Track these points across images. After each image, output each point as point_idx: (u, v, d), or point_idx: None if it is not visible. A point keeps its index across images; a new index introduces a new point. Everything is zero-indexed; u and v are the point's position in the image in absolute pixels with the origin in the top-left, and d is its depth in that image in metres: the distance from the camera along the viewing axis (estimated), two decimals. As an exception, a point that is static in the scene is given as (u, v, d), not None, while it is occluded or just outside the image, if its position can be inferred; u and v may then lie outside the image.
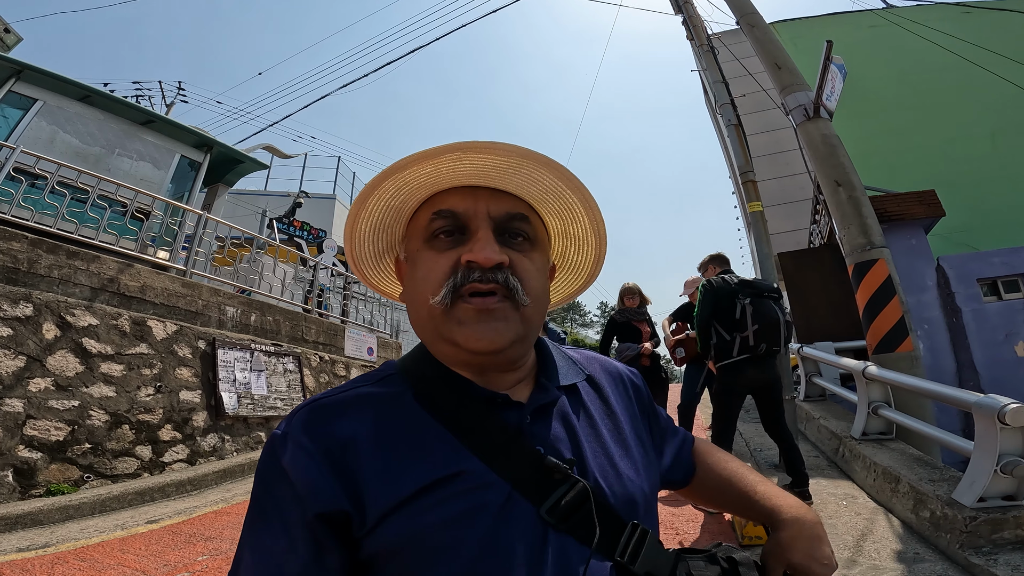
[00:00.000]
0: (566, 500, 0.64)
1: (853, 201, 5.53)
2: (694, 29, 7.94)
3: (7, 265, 5.11)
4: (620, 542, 0.66)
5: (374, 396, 0.70)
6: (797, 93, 6.24)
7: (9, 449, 4.44)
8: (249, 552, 0.63)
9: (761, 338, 3.95)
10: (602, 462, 0.71)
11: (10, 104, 7.24)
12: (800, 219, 12.44)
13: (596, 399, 0.81)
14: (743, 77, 8.37)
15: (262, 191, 20.77)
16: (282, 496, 0.62)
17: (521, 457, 0.65)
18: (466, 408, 0.68)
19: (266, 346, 7.43)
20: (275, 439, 0.65)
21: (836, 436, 4.74)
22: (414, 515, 0.60)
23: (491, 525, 0.60)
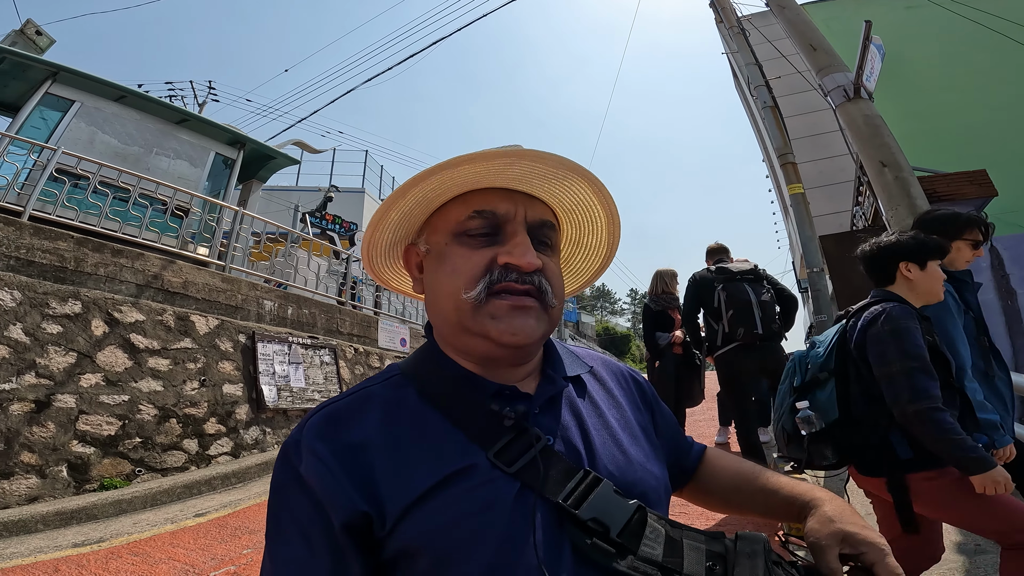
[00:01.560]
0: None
1: (900, 182, 5.33)
2: (723, 11, 7.74)
3: (55, 264, 5.24)
4: (567, 487, 0.65)
5: (382, 397, 0.71)
6: (835, 74, 6.03)
7: (63, 444, 4.57)
8: (271, 563, 0.64)
9: (737, 322, 3.90)
10: (611, 450, 0.73)
11: (48, 106, 7.40)
12: (841, 201, 12.10)
13: (600, 390, 0.83)
14: (776, 59, 8.12)
15: (294, 187, 21.06)
16: (301, 505, 0.63)
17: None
18: (473, 403, 0.70)
19: (303, 339, 7.52)
20: (289, 447, 0.67)
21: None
22: (432, 512, 0.61)
23: (508, 517, 0.61)
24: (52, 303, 4.93)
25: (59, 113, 7.45)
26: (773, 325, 4.01)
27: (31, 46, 8.14)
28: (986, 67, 11.93)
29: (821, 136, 13.91)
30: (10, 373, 4.46)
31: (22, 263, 5.02)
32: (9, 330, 4.58)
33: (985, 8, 10.46)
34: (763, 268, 4.37)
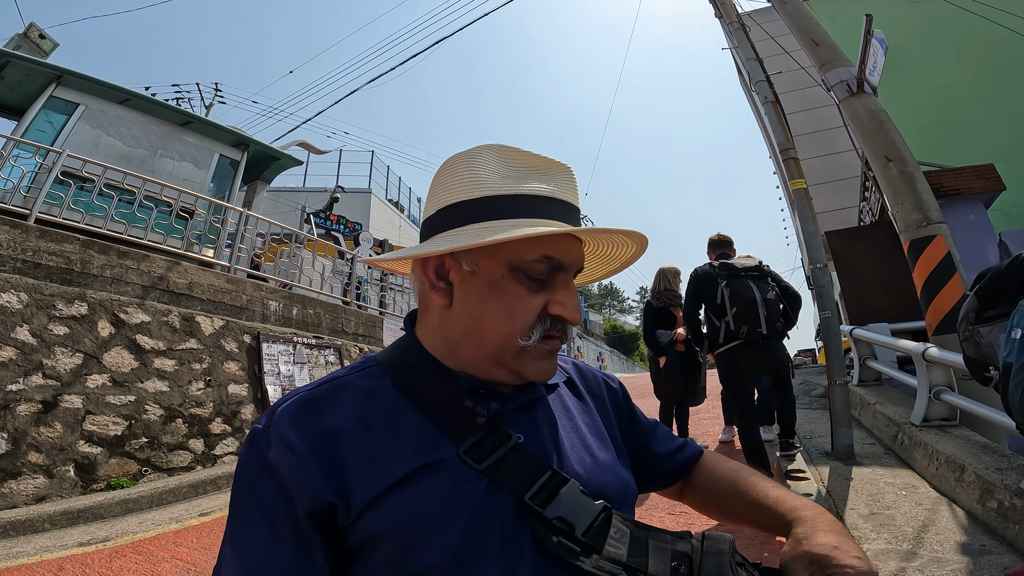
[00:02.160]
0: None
1: (906, 176, 5.28)
2: (722, 6, 7.69)
3: (61, 266, 5.29)
4: (535, 485, 0.65)
5: (356, 387, 0.71)
6: (838, 69, 5.99)
7: (70, 444, 4.61)
8: (232, 548, 0.63)
9: (741, 320, 3.84)
10: (580, 453, 0.74)
11: (53, 109, 7.45)
12: (847, 198, 12.04)
13: (573, 397, 0.84)
14: (779, 55, 8.08)
15: (301, 188, 21.13)
16: (267, 492, 0.62)
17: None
18: (448, 398, 0.70)
19: (308, 339, 7.55)
20: (257, 434, 0.66)
21: (894, 423, 4.55)
22: (398, 503, 0.61)
23: (474, 512, 0.62)
24: (59, 305, 4.98)
25: (64, 116, 7.49)
26: (777, 324, 3.95)
27: (35, 50, 8.18)
28: (991, 61, 11.84)
29: (826, 132, 13.82)
30: (17, 374, 4.50)
31: (29, 265, 5.07)
32: (16, 332, 4.63)
33: (988, 2, 10.37)
34: (767, 265, 4.32)
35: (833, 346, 4.70)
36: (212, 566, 0.66)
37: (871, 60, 5.69)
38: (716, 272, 4.05)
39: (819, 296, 4.89)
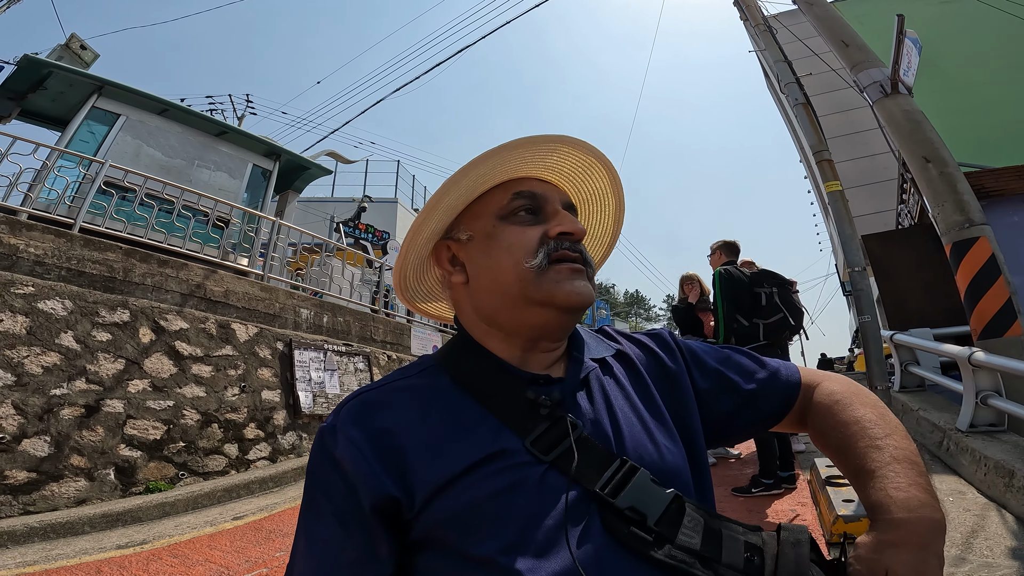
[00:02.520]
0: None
1: (945, 177, 5.16)
2: (747, 9, 7.62)
3: (104, 274, 5.44)
4: (604, 475, 0.65)
5: (416, 387, 0.74)
6: (870, 70, 5.89)
7: (111, 448, 4.72)
8: (305, 543, 0.66)
9: (784, 325, 4.23)
10: (639, 435, 0.72)
11: (95, 120, 7.67)
12: (884, 200, 11.78)
13: (626, 372, 0.82)
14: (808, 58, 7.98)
15: (329, 198, 21.49)
16: (335, 487, 0.65)
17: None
18: (508, 390, 0.72)
19: (338, 346, 7.63)
20: (325, 432, 0.69)
21: (939, 429, 4.44)
22: (459, 493, 0.62)
23: (535, 501, 0.62)
24: (102, 312, 5.12)
25: (105, 127, 7.71)
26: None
27: (76, 60, 8.43)
28: (1025, 60, 11.52)
29: (860, 134, 13.56)
30: (61, 379, 4.63)
31: (73, 273, 5.23)
32: (60, 338, 4.77)
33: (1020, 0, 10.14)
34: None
35: (874, 350, 4.60)
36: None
37: (904, 60, 5.60)
38: (755, 278, 4.35)
39: (857, 300, 4.79)
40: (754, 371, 0.86)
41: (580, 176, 0.87)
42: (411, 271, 0.88)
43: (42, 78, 7.41)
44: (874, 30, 9.57)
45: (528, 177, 0.81)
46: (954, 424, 4.29)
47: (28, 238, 5.08)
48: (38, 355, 4.57)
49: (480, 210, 0.80)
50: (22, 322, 4.59)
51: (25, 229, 5.12)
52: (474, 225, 0.80)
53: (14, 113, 7.80)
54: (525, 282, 0.72)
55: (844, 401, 0.78)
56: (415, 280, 0.90)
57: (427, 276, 0.91)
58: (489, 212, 0.78)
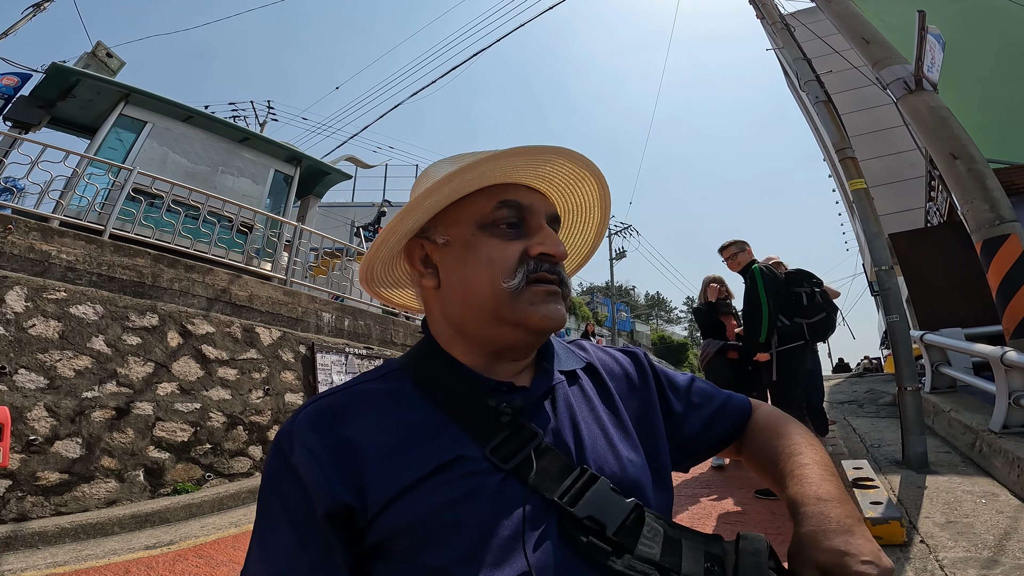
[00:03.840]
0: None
1: (974, 174, 5.06)
2: (763, 7, 7.56)
3: (133, 280, 5.56)
4: (563, 484, 0.64)
5: (377, 391, 0.73)
6: (893, 67, 5.79)
7: (141, 450, 4.81)
8: (258, 548, 0.65)
9: (828, 325, 4.29)
10: (601, 446, 0.72)
11: (123, 127, 7.82)
12: (911, 198, 11.56)
13: (594, 386, 0.82)
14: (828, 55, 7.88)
15: (350, 203, 21.70)
16: (290, 493, 0.64)
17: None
18: (470, 397, 0.71)
19: (358, 349, 7.69)
20: (281, 437, 0.68)
21: (971, 430, 4.34)
22: (414, 501, 0.61)
23: (492, 509, 0.61)
24: (131, 316, 5.22)
25: (133, 134, 7.85)
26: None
27: (103, 68, 8.60)
28: (1051, 54, 11.26)
29: (884, 132, 13.33)
30: (93, 382, 4.73)
31: (104, 279, 5.35)
32: (92, 342, 4.87)
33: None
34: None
35: (903, 351, 4.53)
36: None
37: (928, 56, 5.52)
38: (790, 277, 4.43)
39: (885, 300, 4.72)
40: (713, 395, 0.90)
41: (571, 187, 0.85)
42: (379, 265, 0.86)
43: (70, 86, 7.57)
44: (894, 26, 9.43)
45: (515, 184, 0.77)
46: (987, 425, 4.20)
47: (60, 244, 5.20)
48: (70, 359, 4.68)
49: (460, 215, 0.76)
50: (54, 326, 4.70)
51: (57, 236, 5.25)
52: (452, 230, 0.76)
53: (44, 121, 7.96)
54: (499, 301, 0.71)
55: (775, 424, 0.85)
56: (382, 272, 0.89)
57: (395, 267, 0.89)
58: (469, 219, 0.75)
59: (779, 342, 4.24)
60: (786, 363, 4.22)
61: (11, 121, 7.63)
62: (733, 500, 4.23)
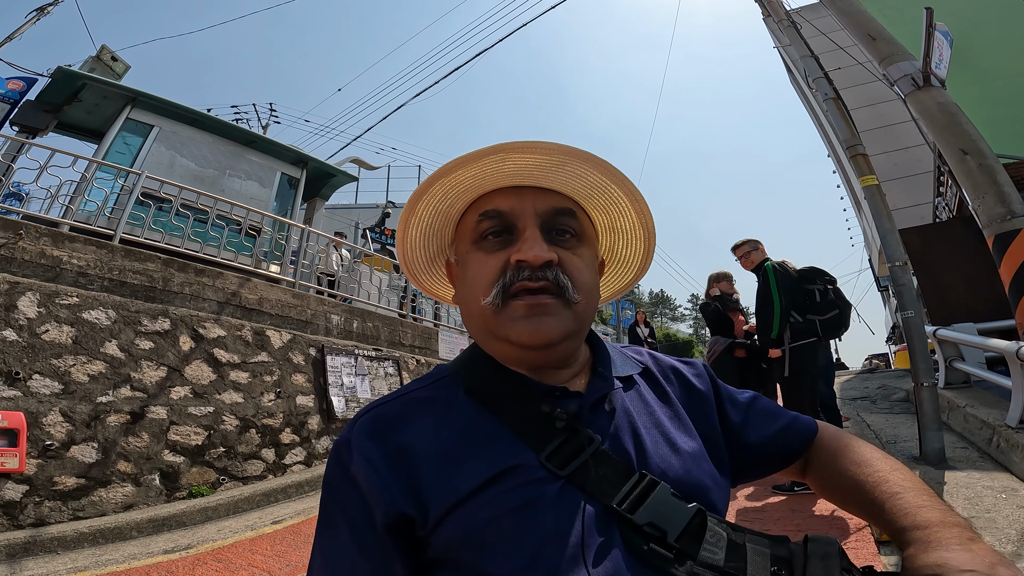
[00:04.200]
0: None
1: (985, 169, 5.06)
2: (770, 5, 7.56)
3: (145, 284, 5.56)
4: (622, 490, 0.63)
5: (430, 399, 0.72)
6: (900, 63, 5.79)
7: (156, 454, 4.81)
8: (321, 558, 0.66)
9: (841, 322, 4.28)
10: (664, 451, 0.70)
11: (130, 131, 7.83)
12: (920, 194, 11.54)
13: (652, 390, 0.79)
14: (832, 52, 7.87)
15: (353, 205, 21.73)
16: (350, 502, 0.64)
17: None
18: (523, 403, 0.69)
19: (367, 351, 7.70)
20: (340, 446, 0.68)
21: (988, 425, 4.33)
22: (473, 511, 0.60)
23: (551, 518, 0.60)
24: (144, 320, 5.23)
25: (140, 138, 7.86)
26: None
27: (108, 72, 8.61)
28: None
29: (892, 127, 13.31)
30: (107, 386, 4.74)
31: (115, 284, 5.35)
32: (105, 346, 4.87)
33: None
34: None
35: (918, 346, 4.53)
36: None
37: (936, 53, 5.52)
38: (803, 274, 4.43)
39: (899, 295, 4.72)
40: (778, 413, 0.86)
41: (564, 172, 0.75)
42: (421, 275, 0.90)
43: (76, 90, 7.59)
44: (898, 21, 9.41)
45: (505, 190, 0.74)
46: (1004, 420, 4.19)
47: (71, 250, 5.21)
48: (84, 364, 4.68)
49: (462, 233, 0.78)
50: (68, 332, 4.71)
51: (67, 241, 5.25)
52: (458, 248, 0.79)
53: (51, 126, 7.98)
54: (487, 319, 0.70)
55: (847, 448, 0.79)
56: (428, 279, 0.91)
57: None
58: (466, 236, 0.76)
59: (792, 338, 4.24)
60: (798, 360, 4.23)
61: (18, 126, 7.65)
62: (750, 495, 4.22)
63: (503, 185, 0.74)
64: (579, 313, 0.71)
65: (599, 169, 0.75)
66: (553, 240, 0.71)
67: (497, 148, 0.70)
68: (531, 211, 0.72)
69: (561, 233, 0.73)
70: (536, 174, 0.74)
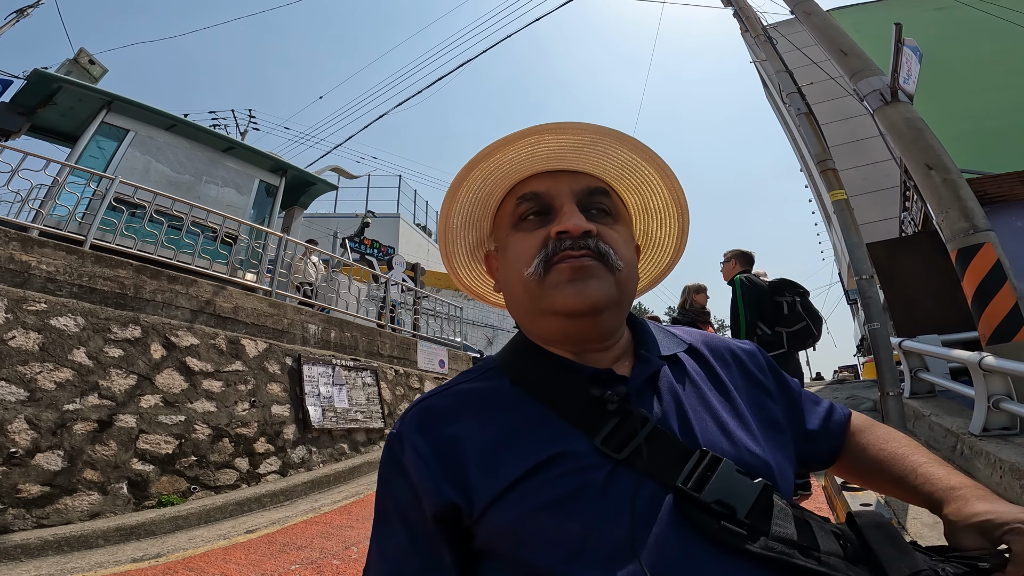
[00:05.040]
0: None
1: (949, 184, 5.19)
2: (747, 20, 7.71)
3: (115, 291, 5.48)
4: (684, 469, 0.61)
5: (477, 390, 0.73)
6: (870, 78, 5.93)
7: (124, 462, 4.72)
8: (376, 549, 0.68)
9: (808, 334, 4.36)
10: (713, 433, 0.67)
11: (104, 135, 7.68)
12: (888, 208, 11.81)
13: (700, 369, 0.77)
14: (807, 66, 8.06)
15: (332, 214, 21.61)
16: (403, 494, 0.66)
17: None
18: (570, 389, 0.69)
19: (345, 361, 7.64)
20: (392, 439, 0.70)
21: (952, 433, 4.44)
22: (517, 501, 0.60)
23: (598, 502, 0.59)
24: (113, 328, 5.15)
25: (115, 142, 7.71)
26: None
27: (85, 75, 8.43)
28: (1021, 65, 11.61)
29: (862, 142, 13.62)
30: (74, 394, 4.65)
31: (85, 290, 5.27)
32: (73, 354, 4.79)
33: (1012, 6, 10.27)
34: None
35: (884, 357, 4.63)
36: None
37: (904, 68, 5.64)
38: (774, 286, 4.51)
39: (866, 308, 4.82)
40: (818, 399, 0.87)
41: (596, 152, 0.77)
42: (474, 282, 0.93)
43: (52, 93, 7.45)
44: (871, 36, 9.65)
45: (540, 174, 0.77)
46: (967, 428, 4.29)
47: (40, 255, 5.12)
48: (51, 371, 4.59)
49: (500, 219, 0.80)
50: (35, 338, 4.62)
51: (37, 246, 5.16)
52: (498, 235, 0.81)
53: (24, 128, 7.82)
54: (531, 293, 0.71)
55: (872, 427, 0.85)
56: (468, 276, 0.93)
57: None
58: (505, 222, 0.78)
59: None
60: None
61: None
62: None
63: (539, 170, 0.76)
64: (622, 282, 0.71)
65: (629, 147, 0.77)
66: (590, 218, 0.72)
67: (532, 130, 0.73)
68: (567, 191, 0.74)
69: (597, 210, 0.74)
70: (569, 156, 0.76)
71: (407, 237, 22.54)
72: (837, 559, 0.57)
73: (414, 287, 12.13)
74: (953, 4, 11.50)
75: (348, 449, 6.94)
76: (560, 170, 0.76)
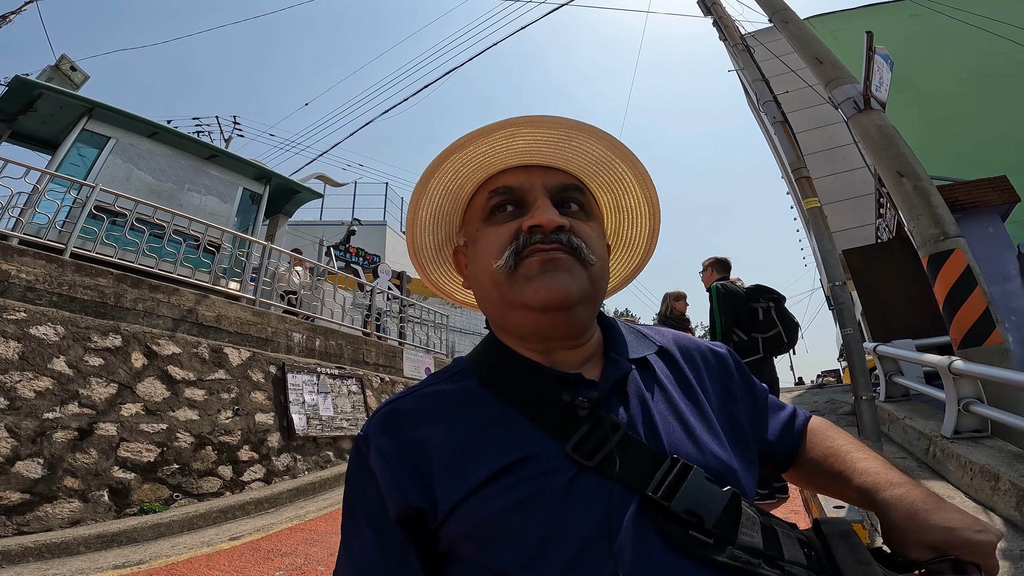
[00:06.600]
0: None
1: (920, 191, 5.31)
2: (726, 29, 7.82)
3: (96, 300, 5.45)
4: (654, 477, 0.61)
5: (446, 392, 0.72)
6: (844, 86, 6.06)
7: (105, 470, 4.70)
8: (344, 549, 0.68)
9: (782, 339, 4.40)
10: (680, 438, 0.67)
11: (85, 143, 7.60)
12: (865, 214, 12.00)
13: (670, 372, 0.76)
14: (785, 74, 8.20)
15: (318, 221, 21.50)
16: (370, 496, 0.65)
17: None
18: (539, 393, 0.68)
19: (330, 369, 7.63)
20: (359, 440, 0.69)
21: (925, 436, 4.51)
22: (480, 504, 0.60)
23: (561, 507, 0.59)
24: (94, 337, 5.12)
25: (96, 150, 7.63)
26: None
27: (66, 82, 8.36)
28: (999, 72, 11.81)
29: (839, 149, 13.83)
30: (54, 403, 4.62)
31: (64, 299, 5.24)
32: (53, 363, 4.76)
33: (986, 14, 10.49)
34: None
35: (857, 362, 4.71)
36: None
37: (876, 77, 5.74)
38: (750, 293, 4.57)
39: (840, 313, 4.92)
40: (782, 404, 0.88)
41: (571, 148, 0.76)
42: (446, 281, 0.91)
43: (32, 99, 7.36)
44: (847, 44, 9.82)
45: (512, 168, 0.76)
46: (939, 431, 4.34)
47: (19, 263, 5.09)
48: (31, 380, 4.57)
49: (471, 214, 0.79)
50: (14, 347, 4.59)
51: (16, 254, 5.13)
52: (468, 230, 0.79)
53: (4, 135, 7.72)
54: (499, 286, 0.69)
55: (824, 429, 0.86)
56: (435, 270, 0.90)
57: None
58: (476, 216, 0.77)
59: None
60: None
61: (-31, 135, 7.43)
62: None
63: (512, 164, 0.75)
64: (594, 276, 0.70)
65: (604, 143, 0.76)
66: (563, 213, 0.71)
67: (508, 123, 0.71)
68: (540, 186, 0.73)
69: (570, 207, 0.74)
70: (544, 151, 0.74)
71: (393, 245, 22.46)
72: (800, 568, 0.58)
73: (400, 295, 12.14)
74: (927, 11, 11.73)
75: (334, 456, 6.92)
76: (534, 165, 0.75)
